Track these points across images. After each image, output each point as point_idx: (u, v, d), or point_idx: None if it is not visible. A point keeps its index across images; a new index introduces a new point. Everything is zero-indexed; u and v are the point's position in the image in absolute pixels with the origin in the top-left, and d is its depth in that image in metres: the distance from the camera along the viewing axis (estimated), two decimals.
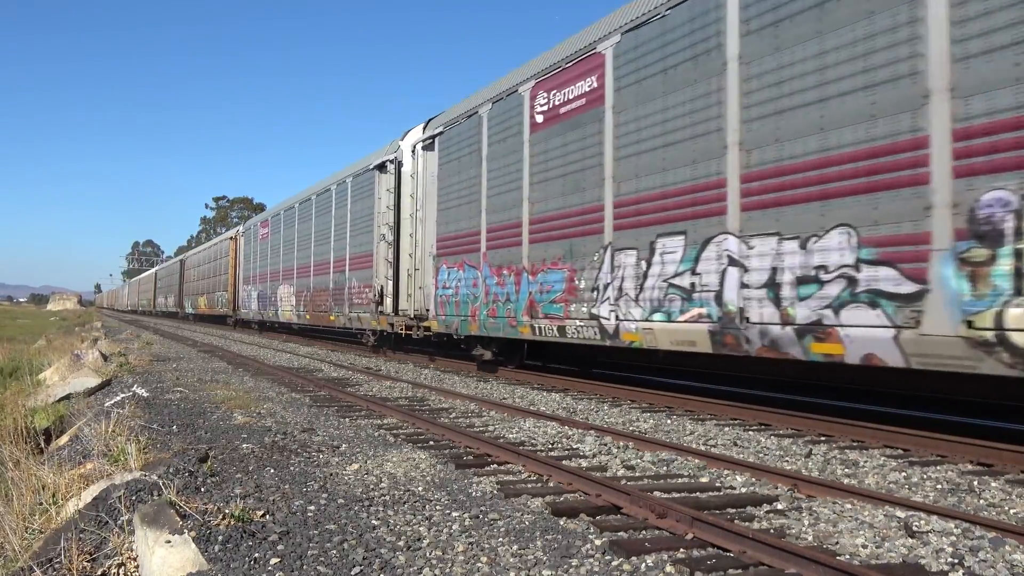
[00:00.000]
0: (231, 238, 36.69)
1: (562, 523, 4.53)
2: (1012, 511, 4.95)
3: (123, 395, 10.18)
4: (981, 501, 5.18)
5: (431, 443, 7.17)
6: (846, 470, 6.08)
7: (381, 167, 17.47)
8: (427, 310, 14.80)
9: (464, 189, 13.42)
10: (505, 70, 15.53)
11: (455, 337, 13.90)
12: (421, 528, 4.39)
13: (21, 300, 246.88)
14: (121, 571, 3.90)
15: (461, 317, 13.22)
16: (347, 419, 8.61)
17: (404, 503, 4.93)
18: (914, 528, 4.39)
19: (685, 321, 8.31)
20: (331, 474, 5.73)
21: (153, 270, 78.93)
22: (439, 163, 14.45)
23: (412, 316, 15.60)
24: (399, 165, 16.70)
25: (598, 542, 4.14)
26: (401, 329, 16.03)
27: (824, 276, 6.83)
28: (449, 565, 3.79)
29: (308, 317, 23.44)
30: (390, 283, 16.77)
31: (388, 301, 16.87)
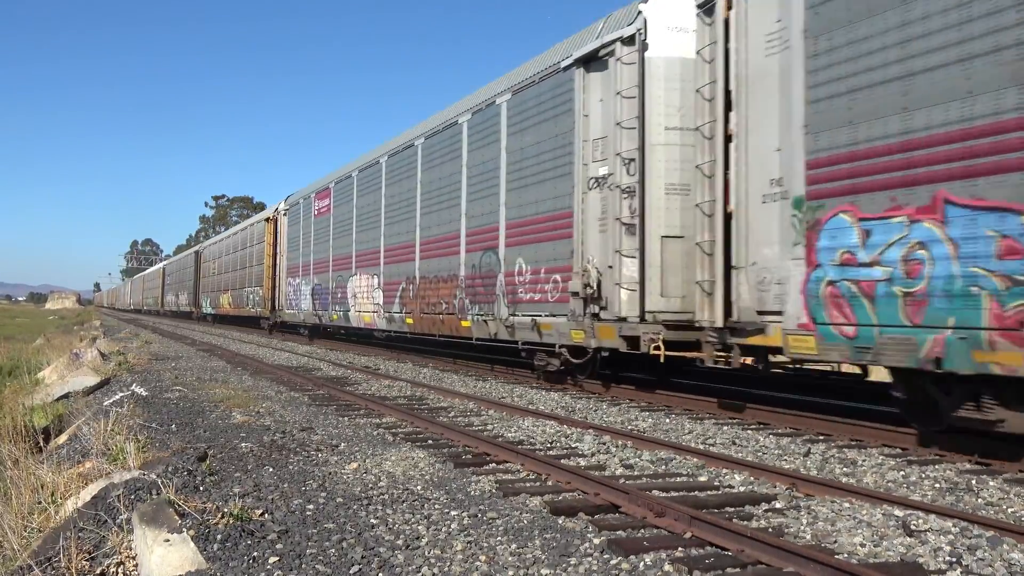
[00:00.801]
0: (267, 219, 28.81)
1: (561, 522, 4.54)
2: (1010, 510, 4.96)
3: (122, 394, 10.18)
4: (979, 500, 5.19)
5: (430, 442, 7.17)
6: (844, 469, 6.09)
7: (591, 61, 10.48)
8: (762, 312, 7.82)
9: (947, 21, 6.02)
10: (501, 71, 13.09)
11: (893, 376, 6.98)
12: (420, 527, 4.39)
13: (20, 299, 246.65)
14: (120, 570, 3.91)
15: (957, 333, 5.88)
16: (346, 418, 8.61)
17: (403, 502, 4.94)
18: (912, 527, 4.39)
19: None
20: (330, 473, 5.73)
21: (161, 264, 70.31)
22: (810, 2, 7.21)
23: (709, 325, 8.44)
24: (643, 48, 9.75)
25: (597, 541, 4.14)
26: (654, 346, 9.19)
27: None
28: (448, 564, 3.80)
29: (411, 321, 15.73)
30: (630, 262, 9.64)
31: (621, 294, 9.69)
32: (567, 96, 10.99)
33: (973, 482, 5.62)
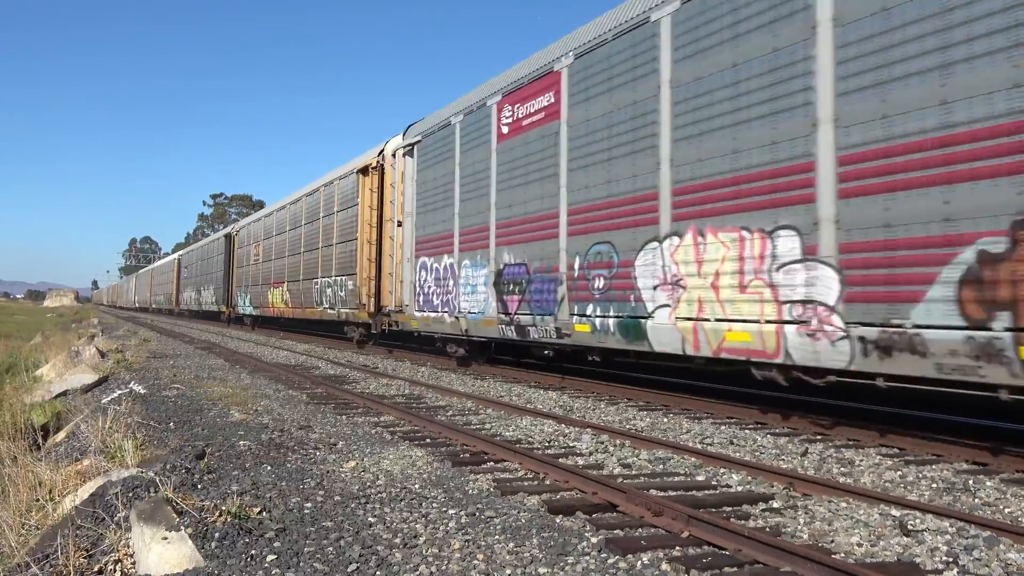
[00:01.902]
0: (364, 169, 18.35)
1: (558, 521, 4.54)
2: (1007, 510, 4.97)
3: (120, 392, 10.18)
4: (976, 500, 5.20)
5: (428, 441, 7.18)
6: (842, 469, 6.10)
7: None
8: None
9: None
10: (496, 71, 10.03)
11: None
12: (418, 525, 4.39)
13: (18, 296, 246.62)
14: (118, 568, 3.90)
15: None
16: (344, 416, 8.61)
17: (401, 500, 4.94)
18: (909, 527, 4.40)
19: None
20: (328, 471, 5.74)
21: (175, 255, 59.68)
22: None
23: None
24: None
25: (594, 540, 4.15)
26: None
27: None
28: (445, 562, 3.80)
29: None
30: None
31: None
32: None
33: (970, 482, 5.63)
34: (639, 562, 3.82)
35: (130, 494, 4.73)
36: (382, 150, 17.41)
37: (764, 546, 3.85)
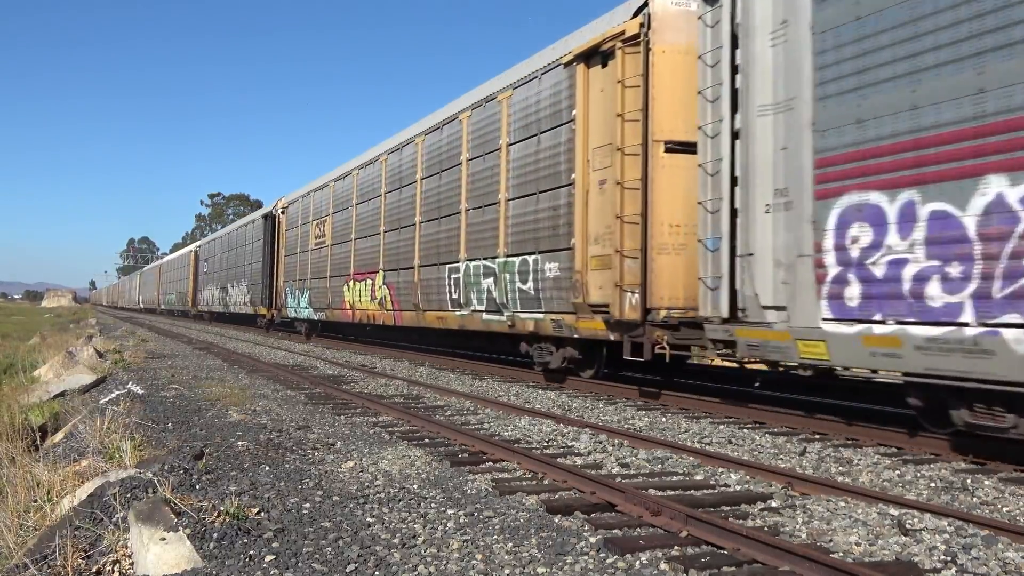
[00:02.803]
0: (593, 52, 9.85)
1: (557, 520, 4.54)
2: (1005, 509, 4.98)
3: (118, 392, 10.16)
4: (974, 499, 5.20)
5: (426, 440, 7.17)
6: (840, 468, 6.10)
7: None
8: None
9: None
10: (486, 77, 10.18)
11: None
12: (416, 525, 4.39)
13: (16, 297, 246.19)
14: (116, 568, 3.90)
15: None
16: (342, 416, 8.61)
17: (399, 500, 4.94)
18: (907, 526, 4.41)
19: None
20: (326, 472, 5.73)
21: (191, 247, 49.97)
22: None
23: None
24: None
25: (593, 539, 4.15)
26: None
27: None
28: (444, 562, 3.80)
29: None
30: None
31: None
32: None
33: (968, 481, 5.63)
34: (637, 562, 3.82)
35: (128, 495, 4.73)
36: (643, 6, 9.31)
37: (762, 545, 3.85)
